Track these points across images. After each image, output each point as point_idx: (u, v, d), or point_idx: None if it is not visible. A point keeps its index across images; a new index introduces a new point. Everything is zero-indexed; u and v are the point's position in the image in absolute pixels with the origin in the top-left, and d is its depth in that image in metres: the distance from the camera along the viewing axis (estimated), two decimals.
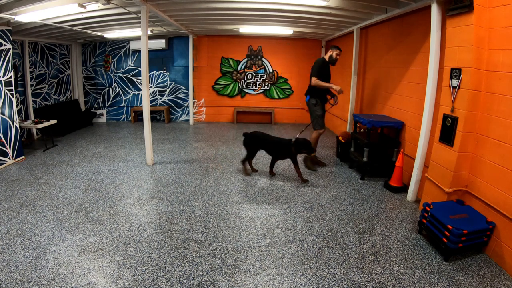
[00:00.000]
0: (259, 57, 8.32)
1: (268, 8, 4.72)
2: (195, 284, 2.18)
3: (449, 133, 2.91)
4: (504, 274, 2.36)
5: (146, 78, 4.43)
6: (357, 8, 4.39)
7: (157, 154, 5.34)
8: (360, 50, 5.75)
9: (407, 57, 4.16)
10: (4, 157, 4.62)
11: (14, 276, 2.20)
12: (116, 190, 3.82)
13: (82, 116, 7.83)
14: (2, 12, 4.03)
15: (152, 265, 2.37)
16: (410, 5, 3.69)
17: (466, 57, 2.71)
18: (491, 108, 2.61)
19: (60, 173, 4.38)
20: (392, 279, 2.27)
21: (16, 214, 3.15)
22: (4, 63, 4.61)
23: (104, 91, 8.56)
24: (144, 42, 4.31)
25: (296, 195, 3.76)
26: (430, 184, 3.21)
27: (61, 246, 2.60)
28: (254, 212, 3.31)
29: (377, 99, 5.14)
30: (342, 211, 3.36)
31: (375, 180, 4.28)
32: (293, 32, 6.83)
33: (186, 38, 7.99)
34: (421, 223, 2.83)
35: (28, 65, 6.30)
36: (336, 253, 2.59)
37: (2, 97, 4.57)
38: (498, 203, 2.49)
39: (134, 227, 2.94)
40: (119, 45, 8.21)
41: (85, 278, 2.20)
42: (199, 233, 2.86)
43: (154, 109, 8.41)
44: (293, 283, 2.21)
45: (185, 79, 8.36)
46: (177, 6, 4.63)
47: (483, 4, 2.60)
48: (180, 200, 3.58)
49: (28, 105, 6.36)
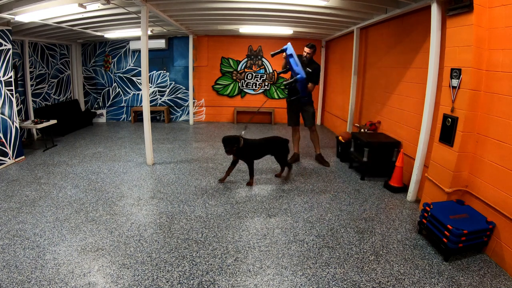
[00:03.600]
0: (259, 57, 8.32)
1: (268, 8, 4.71)
2: (195, 284, 2.18)
3: (449, 133, 2.91)
4: (504, 274, 2.36)
5: (146, 78, 4.43)
6: (357, 8, 4.39)
7: (157, 154, 5.34)
8: (360, 50, 5.75)
9: (407, 57, 4.16)
10: (4, 157, 4.62)
11: (14, 276, 2.20)
12: (116, 190, 3.82)
13: (82, 116, 7.83)
14: (2, 12, 4.03)
15: (152, 265, 2.37)
16: (410, 5, 3.69)
17: (466, 57, 2.71)
18: (491, 108, 2.61)
19: (60, 173, 4.38)
20: (392, 279, 2.27)
21: (16, 214, 3.15)
22: (4, 63, 4.61)
23: (104, 91, 8.56)
24: (144, 42, 4.31)
25: (296, 195, 3.76)
26: (430, 184, 3.21)
27: (61, 246, 2.60)
28: (254, 212, 3.31)
29: (377, 99, 5.14)
30: (342, 211, 3.36)
31: (375, 180, 4.28)
32: (293, 32, 6.83)
33: (186, 38, 7.99)
34: (421, 223, 2.83)
35: (28, 65, 6.30)
36: (336, 253, 2.59)
37: (2, 97, 4.57)
38: (498, 203, 2.49)
39: (134, 227, 2.94)
40: (119, 45, 8.21)
41: (85, 278, 2.20)
42: (199, 233, 2.86)
43: (154, 109, 8.41)
44: (293, 283, 2.21)
45: (185, 79, 8.36)
46: (177, 6, 4.63)
47: (483, 4, 2.60)
48: (180, 200, 3.58)
49: (28, 105, 6.36)
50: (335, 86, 7.51)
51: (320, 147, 5.18)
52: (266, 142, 4.10)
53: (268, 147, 4.09)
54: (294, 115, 4.91)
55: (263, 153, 4.14)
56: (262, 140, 4.13)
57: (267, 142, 4.11)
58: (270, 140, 4.17)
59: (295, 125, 4.98)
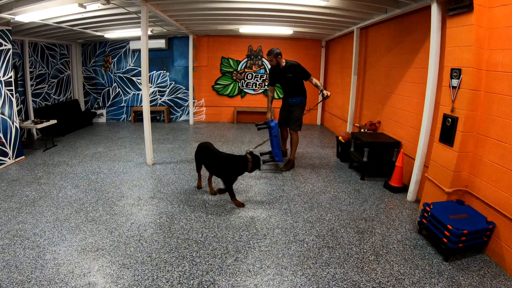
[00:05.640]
0: (259, 57, 8.32)
1: (268, 8, 4.71)
2: (195, 284, 2.18)
3: (449, 133, 2.91)
4: (504, 274, 2.36)
5: (146, 78, 4.43)
6: (357, 8, 4.39)
7: (157, 154, 5.34)
8: (360, 50, 5.75)
9: (407, 57, 4.16)
10: (4, 157, 4.62)
11: (14, 276, 2.20)
12: (116, 190, 3.82)
13: (82, 116, 7.83)
14: (2, 12, 4.03)
15: (152, 265, 2.37)
16: (410, 5, 3.69)
17: (466, 57, 2.71)
18: (491, 108, 2.61)
19: (60, 173, 4.38)
20: (392, 279, 2.27)
21: (16, 214, 3.15)
22: (4, 63, 4.61)
23: (104, 91, 8.56)
24: (144, 42, 4.30)
25: (296, 195, 3.76)
26: (430, 184, 3.21)
27: (61, 246, 2.60)
28: (254, 212, 3.31)
29: (377, 99, 5.14)
30: (342, 211, 3.36)
31: (375, 180, 4.28)
32: (293, 32, 6.83)
33: (186, 38, 7.99)
34: (421, 223, 2.83)
35: (28, 65, 6.30)
36: (336, 253, 2.59)
37: (2, 97, 4.57)
38: (498, 203, 2.49)
39: (134, 227, 2.94)
40: (119, 45, 8.21)
41: (85, 278, 2.20)
42: (199, 233, 2.86)
43: (154, 109, 8.41)
44: (293, 283, 2.21)
45: (185, 79, 8.36)
46: (177, 6, 4.63)
47: (483, 4, 2.60)
48: (180, 200, 3.58)
49: (28, 105, 6.36)
50: (335, 86, 7.51)
51: (296, 153, 4.93)
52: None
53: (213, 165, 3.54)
54: (283, 114, 4.81)
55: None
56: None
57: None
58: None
59: (281, 125, 4.86)
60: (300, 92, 4.59)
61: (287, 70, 4.41)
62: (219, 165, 3.44)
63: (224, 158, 3.45)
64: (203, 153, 3.62)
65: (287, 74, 4.43)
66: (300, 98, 4.59)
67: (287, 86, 4.62)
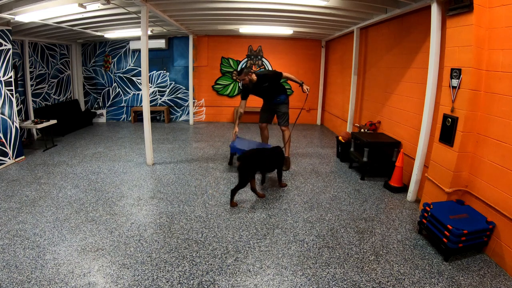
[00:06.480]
0: (259, 57, 8.32)
1: (268, 8, 4.71)
2: (195, 284, 2.18)
3: (449, 133, 2.91)
4: (504, 274, 2.36)
5: (146, 78, 4.43)
6: (357, 8, 4.39)
7: (157, 154, 5.34)
8: (360, 50, 5.75)
9: (407, 57, 4.16)
10: (4, 157, 4.62)
11: (14, 276, 2.20)
12: (116, 190, 3.82)
13: (82, 116, 7.83)
14: (2, 12, 4.03)
15: (152, 265, 2.37)
16: (410, 5, 3.69)
17: (466, 57, 2.71)
18: (491, 108, 2.61)
19: (60, 173, 4.38)
20: (392, 279, 2.27)
21: (16, 214, 3.15)
22: (4, 63, 4.61)
23: (104, 91, 8.56)
24: (144, 42, 4.31)
25: (296, 195, 3.76)
26: (430, 184, 3.21)
27: (61, 246, 2.60)
28: (254, 212, 3.31)
29: (377, 99, 5.14)
30: (342, 211, 3.36)
31: (375, 180, 4.28)
32: (293, 32, 6.83)
33: (186, 38, 7.99)
34: (421, 223, 2.83)
35: (28, 65, 6.30)
36: (336, 253, 2.59)
37: (2, 97, 4.57)
38: (498, 203, 2.49)
39: (134, 227, 2.94)
40: (119, 45, 8.21)
41: (85, 278, 2.20)
42: (199, 233, 2.86)
43: (154, 109, 8.41)
44: (293, 283, 2.21)
45: (185, 79, 8.36)
46: (177, 6, 4.63)
47: (483, 4, 2.60)
48: (180, 200, 3.58)
49: (28, 105, 6.36)
50: (335, 86, 7.52)
51: (290, 150, 5.01)
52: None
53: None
54: (266, 113, 4.82)
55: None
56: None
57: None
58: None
59: (262, 122, 4.87)
60: (281, 91, 4.65)
61: (262, 81, 4.43)
62: (272, 157, 3.79)
63: (272, 148, 3.95)
64: (255, 158, 3.55)
65: (263, 84, 4.46)
66: (284, 96, 4.66)
67: (267, 94, 4.65)
